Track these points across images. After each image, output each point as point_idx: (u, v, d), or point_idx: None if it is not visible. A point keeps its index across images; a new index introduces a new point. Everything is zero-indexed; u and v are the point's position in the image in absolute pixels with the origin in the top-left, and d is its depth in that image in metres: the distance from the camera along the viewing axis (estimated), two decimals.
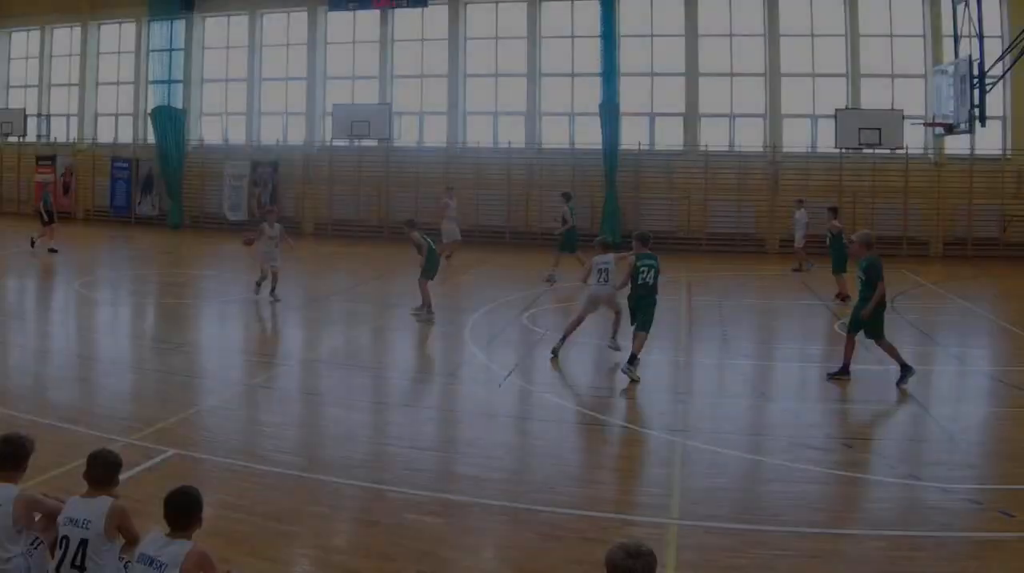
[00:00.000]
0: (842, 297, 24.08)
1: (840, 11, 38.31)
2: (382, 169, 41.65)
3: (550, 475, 11.40)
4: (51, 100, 48.97)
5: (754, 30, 38.87)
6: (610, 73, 38.52)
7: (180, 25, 44.03)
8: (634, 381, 15.49)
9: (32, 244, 32.58)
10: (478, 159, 40.79)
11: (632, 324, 16.36)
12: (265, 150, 43.58)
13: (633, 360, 15.69)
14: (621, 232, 37.48)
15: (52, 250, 32.32)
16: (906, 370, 15.39)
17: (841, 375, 15.88)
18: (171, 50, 43.94)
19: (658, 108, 39.95)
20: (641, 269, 16.27)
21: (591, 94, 39.26)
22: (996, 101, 34.25)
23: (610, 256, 17.64)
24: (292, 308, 23.21)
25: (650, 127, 40.01)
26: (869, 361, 16.56)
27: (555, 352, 17.18)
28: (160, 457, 11.33)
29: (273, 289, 23.01)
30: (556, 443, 13.09)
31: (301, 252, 34.51)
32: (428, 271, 21.46)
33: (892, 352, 15.54)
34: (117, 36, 47.35)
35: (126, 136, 46.53)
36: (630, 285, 16.54)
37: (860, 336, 15.87)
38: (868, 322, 15.51)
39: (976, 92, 29.07)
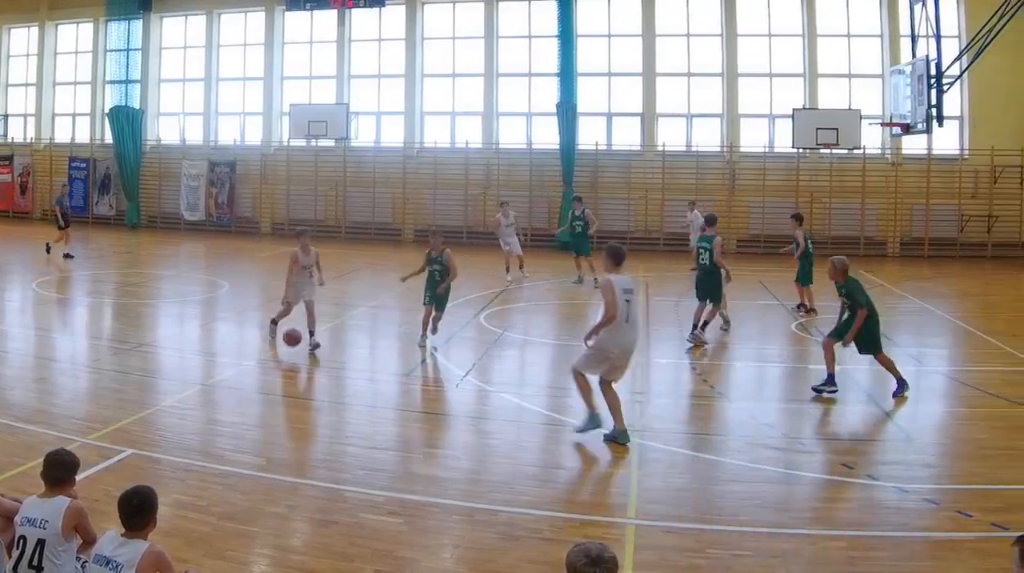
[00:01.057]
0: (805, 309, 22.12)
1: (798, 11, 36.67)
2: (339, 169, 39.63)
3: (508, 475, 11.02)
4: (8, 100, 46.57)
5: (711, 30, 37.25)
6: (567, 73, 36.88)
7: (137, 25, 41.76)
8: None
9: (47, 250, 30.31)
10: (435, 159, 38.77)
11: None
12: (222, 150, 41.43)
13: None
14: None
15: (68, 255, 29.96)
16: (902, 384, 14.56)
17: (827, 386, 14.68)
18: (128, 50, 41.78)
19: (615, 108, 38.17)
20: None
21: (548, 94, 37.52)
22: (953, 101, 33.16)
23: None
24: (250, 308, 22.46)
25: (607, 127, 38.21)
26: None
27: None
28: (117, 457, 11.02)
29: (312, 333, 17.39)
30: (514, 443, 12.63)
31: (258, 252, 33.40)
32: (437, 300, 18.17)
33: (890, 366, 14.71)
34: (75, 36, 44.92)
35: (83, 136, 44.05)
36: None
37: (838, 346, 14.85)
38: (864, 338, 14.58)
39: (933, 92, 28.13)
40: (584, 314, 22.21)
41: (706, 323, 18.78)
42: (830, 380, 14.63)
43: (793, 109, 35.46)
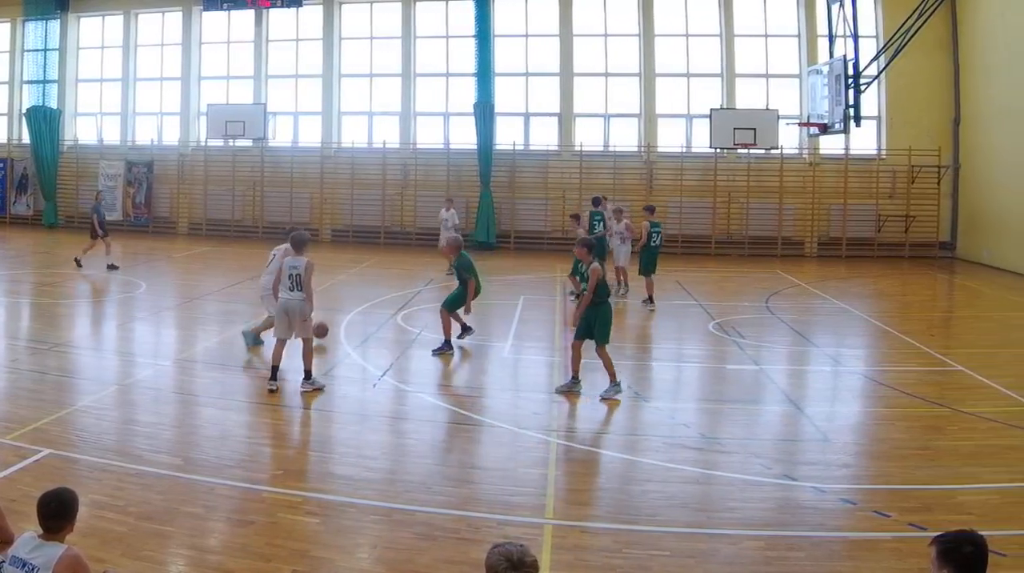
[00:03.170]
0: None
1: (715, 11, 33.23)
2: (257, 169, 35.54)
3: (425, 475, 10.26)
4: None
5: (629, 30, 33.70)
6: (484, 73, 33.19)
7: (55, 25, 37.32)
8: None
9: (78, 263, 25.98)
10: (353, 159, 34.81)
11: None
12: (140, 150, 37.11)
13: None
14: (496, 232, 33.21)
15: (112, 266, 25.55)
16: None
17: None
18: (46, 50, 37.38)
19: (533, 108, 34.42)
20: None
21: (466, 94, 33.76)
22: (871, 101, 30.47)
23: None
24: (167, 308, 20.89)
25: (525, 127, 34.46)
26: (744, 361, 15.50)
27: None
28: (35, 457, 10.19)
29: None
30: (431, 443, 11.77)
31: (176, 252, 30.38)
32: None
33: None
34: None
35: (0, 136, 39.46)
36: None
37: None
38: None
39: (851, 92, 26.00)
40: (501, 314, 20.02)
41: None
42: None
43: (711, 109, 32.22)
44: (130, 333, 18.53)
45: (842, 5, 27.13)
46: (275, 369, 13.42)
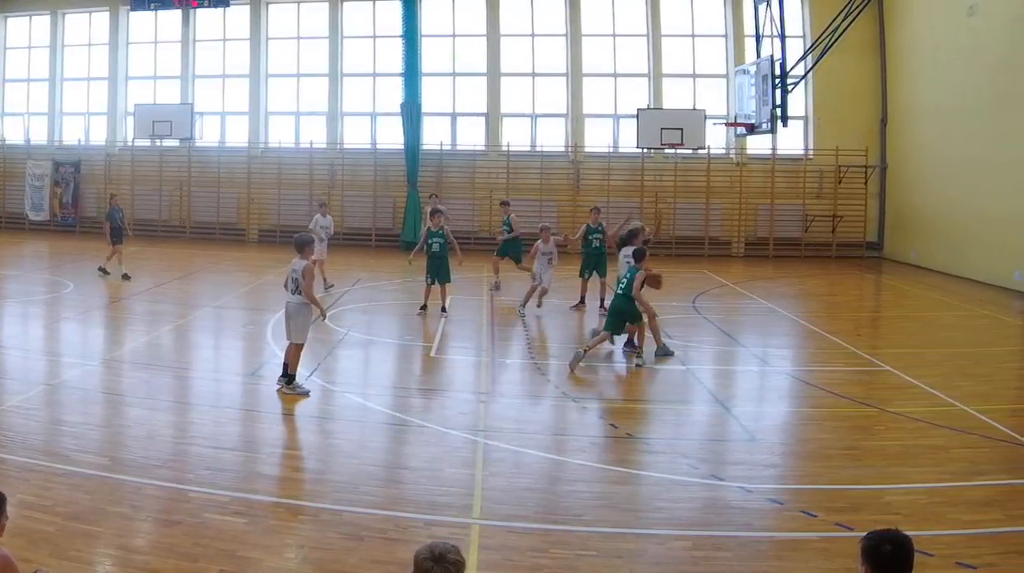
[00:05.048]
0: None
1: (642, 11, 30.31)
2: (184, 169, 32.19)
3: (353, 475, 9.32)
4: None
5: (556, 30, 30.69)
6: (412, 73, 30.14)
7: None
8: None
9: (104, 271, 22.82)
10: (280, 159, 31.57)
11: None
12: (67, 150, 33.55)
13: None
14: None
15: (125, 276, 22.22)
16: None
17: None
18: None
19: (460, 108, 31.35)
20: None
21: (393, 94, 30.67)
22: (798, 101, 27.97)
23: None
24: (95, 308, 19.25)
25: (452, 127, 31.38)
26: (671, 361, 14.39)
27: None
28: None
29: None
30: (358, 443, 10.70)
31: (103, 252, 27.30)
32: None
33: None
34: None
35: None
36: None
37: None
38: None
39: (778, 92, 23.98)
40: (428, 314, 18.17)
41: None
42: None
43: (638, 109, 29.39)
44: (57, 333, 17.17)
45: (769, 5, 25.21)
46: (286, 366, 12.38)
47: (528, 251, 19.28)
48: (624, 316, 14.07)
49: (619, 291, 14.15)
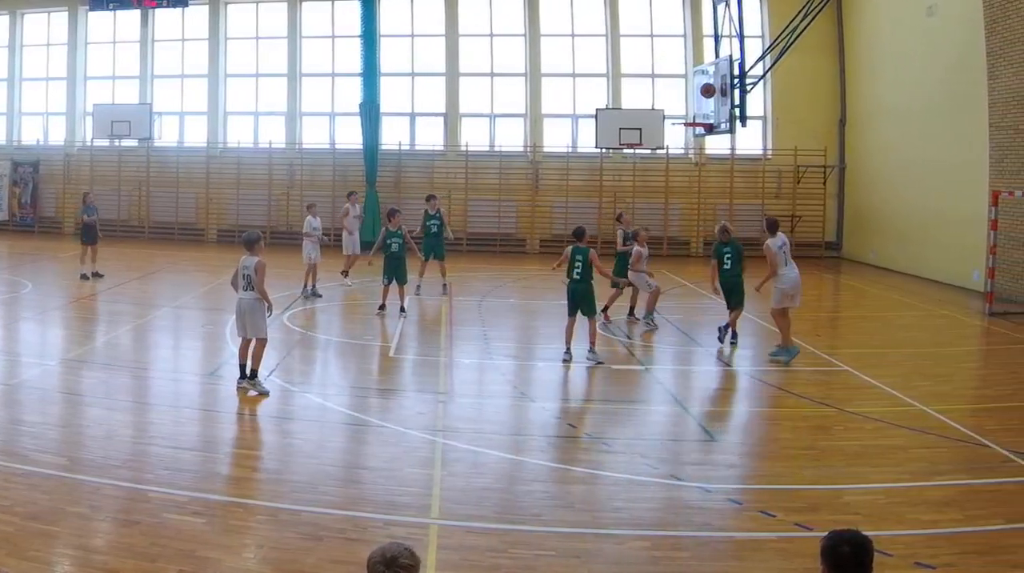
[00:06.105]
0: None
1: (600, 11, 28.87)
2: (143, 169, 30.52)
3: (311, 475, 8.96)
4: None
5: (514, 30, 29.24)
6: (370, 73, 28.67)
7: None
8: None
9: (97, 275, 21.35)
10: (239, 159, 29.96)
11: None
12: (25, 150, 31.83)
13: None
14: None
15: (96, 274, 21.05)
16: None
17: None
18: None
19: (419, 108, 29.82)
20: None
21: (352, 94, 29.15)
22: (757, 101, 26.67)
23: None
24: (53, 308, 18.48)
25: (411, 127, 29.87)
26: (630, 361, 14.43)
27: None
28: None
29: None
30: (317, 443, 10.18)
31: (62, 252, 26.63)
32: None
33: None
34: None
35: None
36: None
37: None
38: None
39: (737, 92, 22.94)
40: (387, 313, 17.56)
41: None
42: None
43: (596, 109, 27.93)
44: (16, 333, 16.37)
45: (728, 5, 24.02)
46: (242, 367, 11.80)
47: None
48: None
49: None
